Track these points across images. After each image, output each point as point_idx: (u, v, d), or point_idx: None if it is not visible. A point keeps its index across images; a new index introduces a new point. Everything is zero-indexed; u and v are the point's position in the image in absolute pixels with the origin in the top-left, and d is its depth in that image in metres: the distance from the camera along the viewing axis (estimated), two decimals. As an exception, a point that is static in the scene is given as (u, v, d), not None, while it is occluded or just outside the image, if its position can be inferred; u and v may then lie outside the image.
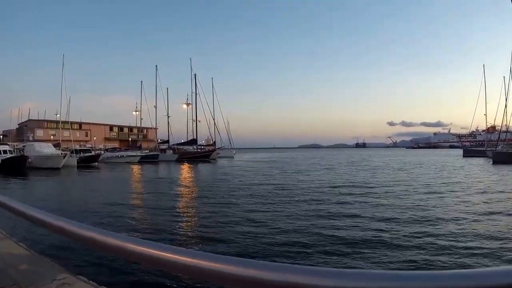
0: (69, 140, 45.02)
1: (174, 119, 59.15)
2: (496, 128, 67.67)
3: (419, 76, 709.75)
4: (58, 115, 60.58)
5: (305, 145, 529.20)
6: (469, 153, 57.11)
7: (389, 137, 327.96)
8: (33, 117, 69.63)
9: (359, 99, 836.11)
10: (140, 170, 34.33)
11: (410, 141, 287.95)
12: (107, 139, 74.38)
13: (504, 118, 48.28)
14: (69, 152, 37.22)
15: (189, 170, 35.04)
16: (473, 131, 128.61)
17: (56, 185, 23.21)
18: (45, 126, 65.90)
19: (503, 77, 53.56)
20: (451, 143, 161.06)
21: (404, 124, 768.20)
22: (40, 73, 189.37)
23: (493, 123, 59.34)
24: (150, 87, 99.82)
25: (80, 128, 69.26)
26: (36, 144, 40.10)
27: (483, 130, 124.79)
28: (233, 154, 65.99)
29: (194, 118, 60.24)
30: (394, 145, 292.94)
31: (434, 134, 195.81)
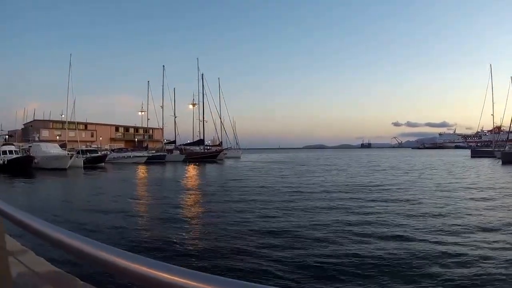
0: (74, 141, 44.59)
1: (179, 120, 58.39)
2: (502, 129, 66.97)
3: (424, 76, 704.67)
4: (63, 116, 60.64)
5: (310, 146, 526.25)
6: (477, 153, 56.75)
7: (395, 138, 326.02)
8: (38, 117, 69.51)
9: (363, 99, 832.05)
10: (148, 171, 33.69)
11: (415, 141, 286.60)
12: (112, 139, 73.99)
13: (512, 118, 47.60)
14: (76, 153, 36.68)
15: (198, 171, 34.35)
16: (478, 132, 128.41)
17: (64, 187, 22.62)
18: (50, 126, 65.66)
19: (510, 77, 52.84)
20: (457, 144, 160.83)
21: (409, 124, 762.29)
22: (43, 74, 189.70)
23: (500, 123, 58.59)
24: (155, 88, 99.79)
25: (85, 128, 68.92)
26: (42, 144, 39.70)
27: (488, 130, 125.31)
28: (240, 154, 65.28)
29: (201, 118, 59.74)
30: (400, 146, 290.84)
31: (439, 134, 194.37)
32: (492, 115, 56.38)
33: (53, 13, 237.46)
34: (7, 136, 58.85)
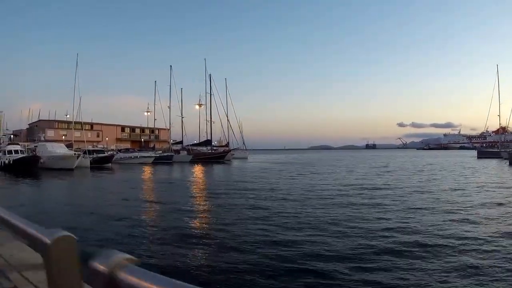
0: (81, 141, 43.90)
1: (185, 120, 57.38)
2: (507, 129, 66.24)
3: (429, 77, 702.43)
4: (68, 116, 60.03)
5: (315, 147, 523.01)
6: (483, 154, 56.79)
7: (399, 138, 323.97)
8: (43, 117, 68.95)
9: (368, 100, 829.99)
10: (156, 172, 32.87)
11: (420, 142, 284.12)
12: (118, 139, 73.29)
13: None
14: (83, 153, 35.94)
15: (206, 172, 33.47)
16: (483, 132, 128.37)
17: (72, 187, 21.85)
18: (56, 126, 65.05)
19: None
20: (462, 144, 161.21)
21: (414, 125, 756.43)
22: (47, 74, 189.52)
23: (506, 124, 58.33)
24: (161, 88, 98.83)
25: (91, 128, 68.23)
26: (49, 144, 39.02)
27: (493, 131, 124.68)
28: (247, 155, 64.40)
29: (208, 119, 58.82)
30: (404, 146, 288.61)
31: (444, 135, 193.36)
32: (498, 115, 55.82)
33: (55, 13, 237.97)
34: (12, 136, 58.42)
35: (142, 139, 74.77)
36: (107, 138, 67.64)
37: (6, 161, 32.61)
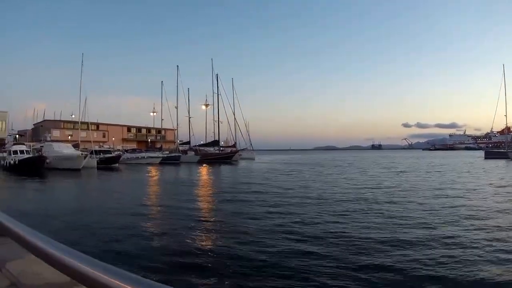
0: (87, 141, 43.22)
1: (192, 120, 56.54)
2: (511, 130, 65.66)
3: (434, 77, 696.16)
4: (73, 116, 59.49)
5: (321, 147, 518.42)
6: (490, 155, 56.58)
7: (405, 139, 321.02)
8: (48, 117, 68.56)
9: (373, 100, 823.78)
10: (164, 172, 32.09)
11: (426, 142, 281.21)
12: (124, 140, 72.64)
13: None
14: (89, 153, 35.22)
15: (215, 173, 32.62)
16: (488, 133, 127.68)
17: (80, 188, 21.10)
18: (61, 126, 64.54)
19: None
20: (467, 145, 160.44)
21: (419, 125, 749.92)
22: (52, 74, 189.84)
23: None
24: (168, 88, 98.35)
25: (97, 128, 67.61)
26: (55, 144, 38.39)
27: (498, 131, 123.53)
28: (254, 156, 63.54)
29: (215, 119, 57.99)
30: (410, 147, 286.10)
31: (449, 135, 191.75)
32: (505, 115, 55.22)
33: (60, 12, 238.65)
34: (17, 136, 57.98)
35: (149, 140, 74.11)
36: (113, 139, 67.03)
37: (12, 162, 31.93)
